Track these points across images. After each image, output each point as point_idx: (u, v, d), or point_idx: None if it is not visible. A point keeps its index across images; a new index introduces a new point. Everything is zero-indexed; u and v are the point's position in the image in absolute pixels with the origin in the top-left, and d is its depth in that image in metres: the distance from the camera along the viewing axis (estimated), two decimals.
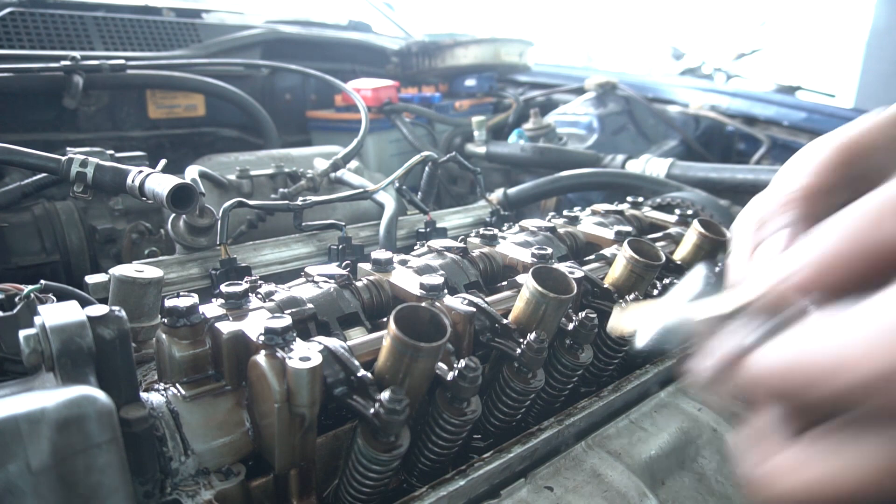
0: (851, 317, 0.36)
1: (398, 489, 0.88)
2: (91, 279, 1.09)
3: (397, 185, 1.55)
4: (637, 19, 10.18)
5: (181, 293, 0.82)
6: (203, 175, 1.57)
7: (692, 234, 1.26)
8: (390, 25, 3.67)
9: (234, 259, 1.24)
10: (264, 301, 0.89)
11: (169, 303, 0.80)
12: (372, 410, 0.70)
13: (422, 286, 0.93)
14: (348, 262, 1.10)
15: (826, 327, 0.37)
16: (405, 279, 1.02)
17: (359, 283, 1.02)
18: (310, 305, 0.90)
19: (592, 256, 1.28)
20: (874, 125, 0.49)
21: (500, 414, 0.93)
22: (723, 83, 5.04)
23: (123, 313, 0.68)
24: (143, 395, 0.75)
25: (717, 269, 1.29)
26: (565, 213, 1.49)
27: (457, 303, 0.89)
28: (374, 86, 2.51)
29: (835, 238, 0.38)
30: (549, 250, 1.13)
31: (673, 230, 1.45)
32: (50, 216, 1.56)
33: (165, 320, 0.79)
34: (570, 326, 0.96)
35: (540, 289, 0.87)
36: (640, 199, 1.62)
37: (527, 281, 0.89)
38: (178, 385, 0.78)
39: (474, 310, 0.89)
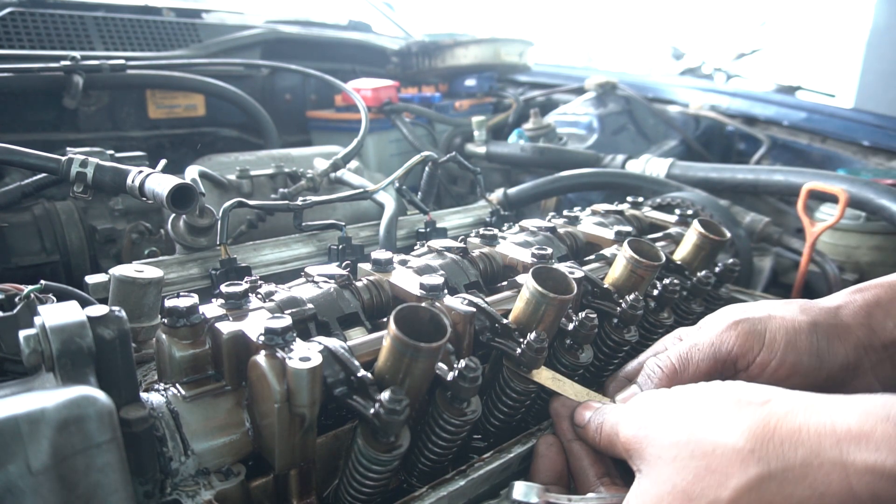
0: None
1: (398, 489, 0.88)
2: (91, 279, 1.09)
3: (397, 185, 1.55)
4: (637, 19, 10.17)
5: (181, 293, 0.82)
6: (203, 175, 1.57)
7: (692, 234, 1.26)
8: (390, 25, 3.66)
9: (234, 259, 1.24)
10: (264, 301, 0.89)
11: (169, 303, 0.80)
12: (372, 411, 0.70)
13: (422, 286, 0.93)
14: (348, 262, 1.10)
15: None
16: (405, 279, 1.02)
17: (359, 284, 1.02)
18: (310, 305, 0.90)
19: (592, 256, 1.28)
20: None
21: (500, 414, 0.93)
22: (723, 83, 5.04)
23: (123, 313, 0.68)
24: (143, 395, 0.75)
25: (717, 268, 1.30)
26: (565, 213, 1.49)
27: (457, 303, 0.89)
28: (374, 86, 2.51)
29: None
30: (549, 250, 1.13)
31: (673, 230, 1.45)
32: (50, 216, 1.55)
33: (165, 320, 0.79)
34: (570, 326, 0.96)
35: (540, 289, 0.87)
36: (640, 199, 1.62)
37: (527, 281, 0.89)
38: (178, 385, 0.78)
39: (474, 310, 0.89)
